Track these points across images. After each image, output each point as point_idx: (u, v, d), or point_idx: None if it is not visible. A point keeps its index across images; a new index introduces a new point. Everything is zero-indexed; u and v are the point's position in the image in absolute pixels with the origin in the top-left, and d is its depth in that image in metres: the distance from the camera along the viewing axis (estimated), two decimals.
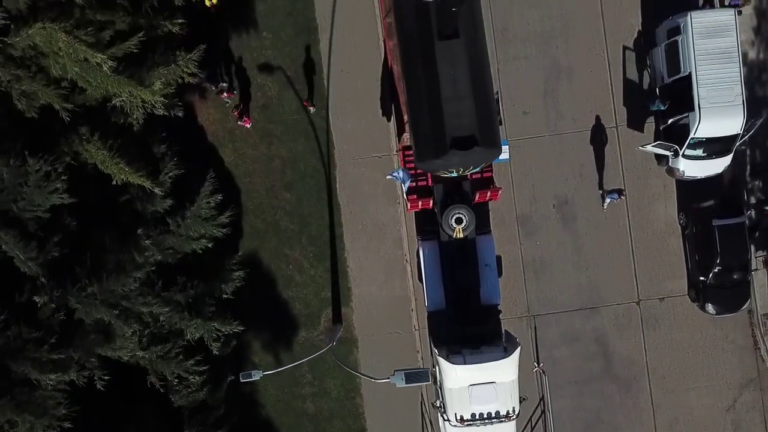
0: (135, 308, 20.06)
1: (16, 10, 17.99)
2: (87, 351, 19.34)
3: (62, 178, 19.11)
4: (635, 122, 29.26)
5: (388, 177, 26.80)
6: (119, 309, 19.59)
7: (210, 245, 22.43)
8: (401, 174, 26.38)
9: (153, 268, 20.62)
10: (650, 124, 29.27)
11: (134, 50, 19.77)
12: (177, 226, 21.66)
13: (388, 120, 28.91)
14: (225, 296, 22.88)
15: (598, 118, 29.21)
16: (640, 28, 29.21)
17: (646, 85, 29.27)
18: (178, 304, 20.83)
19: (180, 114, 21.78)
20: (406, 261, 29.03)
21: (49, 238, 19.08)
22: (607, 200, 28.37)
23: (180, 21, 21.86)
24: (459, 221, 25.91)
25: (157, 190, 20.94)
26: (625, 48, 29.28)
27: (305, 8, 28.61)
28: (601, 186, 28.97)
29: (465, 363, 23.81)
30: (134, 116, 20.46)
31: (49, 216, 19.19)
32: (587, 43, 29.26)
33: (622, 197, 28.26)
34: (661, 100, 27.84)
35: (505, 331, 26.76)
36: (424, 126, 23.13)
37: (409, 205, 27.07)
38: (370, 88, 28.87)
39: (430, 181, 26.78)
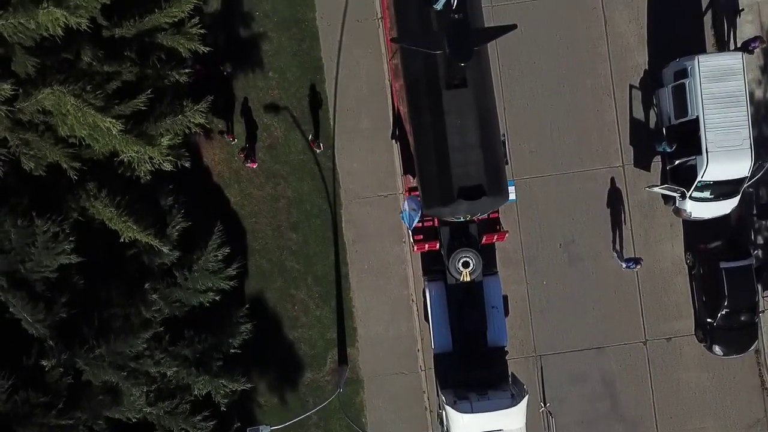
0: (143, 368, 19.96)
1: (25, 74, 17.98)
2: (94, 413, 19.26)
3: (70, 239, 19.04)
4: (642, 161, 29.19)
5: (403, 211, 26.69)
6: (127, 370, 19.51)
7: (217, 298, 22.37)
8: (408, 208, 26.21)
9: (161, 328, 20.52)
10: (657, 163, 29.21)
11: (142, 107, 19.72)
12: (184, 279, 21.60)
13: (394, 159, 28.85)
14: (233, 350, 22.80)
15: (605, 157, 29.16)
16: (647, 67, 29.18)
17: (652, 125, 29.23)
18: (185, 359, 20.76)
19: (187, 164, 21.73)
20: (412, 301, 28.95)
21: (57, 299, 19.03)
22: (623, 266, 28.25)
23: (187, 71, 21.83)
24: (466, 265, 25.88)
25: (165, 249, 20.88)
26: (631, 87, 29.25)
27: (311, 48, 28.61)
28: (614, 245, 28.85)
29: (472, 411, 23.82)
30: (141, 171, 20.40)
31: (56, 275, 19.12)
32: (594, 82, 29.22)
33: (639, 266, 28.11)
34: (668, 142, 27.76)
35: (512, 374, 26.71)
36: (431, 174, 23.09)
37: (415, 246, 27.02)
38: (375, 127, 28.84)
39: (436, 222, 26.77)
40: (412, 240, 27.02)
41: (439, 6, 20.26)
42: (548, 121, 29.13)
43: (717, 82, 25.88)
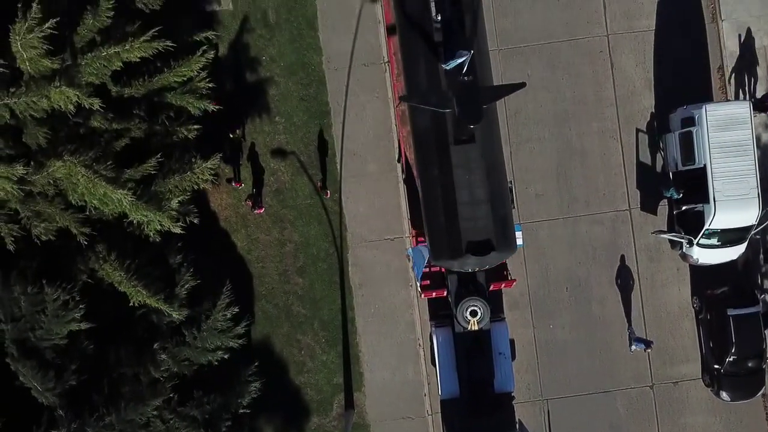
0: None
1: (36, 145, 18.00)
2: None
3: (80, 306, 19.03)
4: (648, 205, 29.19)
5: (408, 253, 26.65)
6: None
7: (226, 356, 22.34)
8: (414, 254, 26.20)
9: (172, 394, 20.48)
10: (663, 206, 29.21)
11: (152, 171, 19.73)
12: (193, 338, 21.58)
13: (401, 202, 28.85)
14: (242, 410, 22.77)
15: (611, 200, 29.17)
16: (654, 111, 29.20)
17: (659, 168, 29.24)
18: (194, 420, 20.72)
19: (196, 221, 21.72)
20: (419, 345, 28.91)
21: (67, 366, 19.00)
22: (634, 346, 28.22)
23: (196, 126, 21.85)
24: (474, 314, 25.78)
25: (175, 315, 20.87)
26: (638, 131, 29.28)
27: (318, 92, 28.64)
28: (628, 319, 28.86)
29: None
30: (151, 232, 20.39)
31: (66, 341, 19.10)
32: (600, 125, 29.25)
33: (650, 349, 28.10)
34: (676, 188, 27.74)
35: (519, 421, 26.69)
36: (439, 227, 23.10)
37: (422, 293, 27.00)
38: (382, 170, 28.86)
39: (443, 269, 26.73)
40: (419, 286, 26.99)
41: (449, 67, 20.27)
42: (555, 164, 29.15)
43: (724, 131, 25.91)
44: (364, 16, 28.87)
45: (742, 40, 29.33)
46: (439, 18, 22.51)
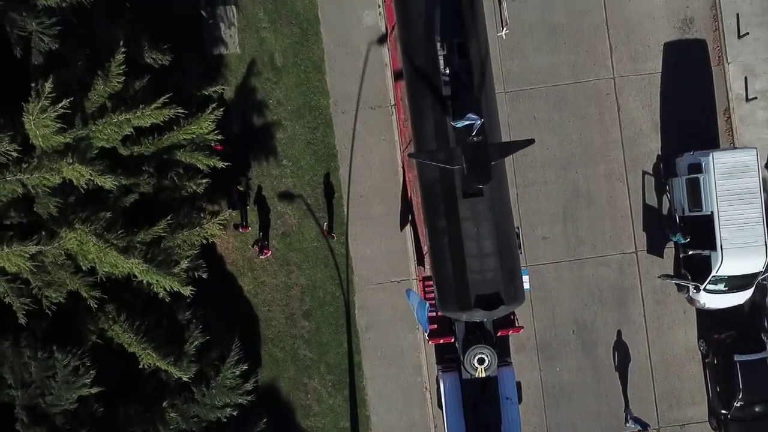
0: None
1: (47, 214, 18.02)
2: None
3: (91, 372, 19.02)
4: (655, 248, 29.20)
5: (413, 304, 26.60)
6: None
7: (235, 413, 22.32)
8: (419, 307, 26.17)
9: None
10: (670, 249, 29.23)
11: (162, 234, 19.75)
12: (202, 395, 21.55)
13: (407, 245, 28.86)
14: None
15: (617, 243, 29.19)
16: (660, 154, 29.25)
17: (665, 211, 29.26)
18: None
19: (204, 276, 21.74)
20: (426, 388, 28.89)
21: (77, 430, 18.95)
22: (630, 424, 28.22)
23: (204, 181, 21.88)
24: (481, 362, 25.67)
25: (185, 378, 20.86)
26: (644, 173, 29.31)
27: (325, 136, 28.68)
28: (625, 396, 28.84)
29: None
30: (160, 292, 20.40)
31: (75, 406, 19.08)
32: (607, 167, 29.29)
33: None
34: (683, 233, 27.77)
35: None
36: (447, 280, 23.09)
37: (429, 340, 26.96)
38: (389, 213, 28.87)
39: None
40: (426, 334, 26.95)
41: (458, 125, 20.30)
42: (561, 207, 29.18)
43: (732, 178, 25.94)
44: (371, 59, 28.94)
45: (748, 82, 29.38)
46: (448, 71, 22.55)
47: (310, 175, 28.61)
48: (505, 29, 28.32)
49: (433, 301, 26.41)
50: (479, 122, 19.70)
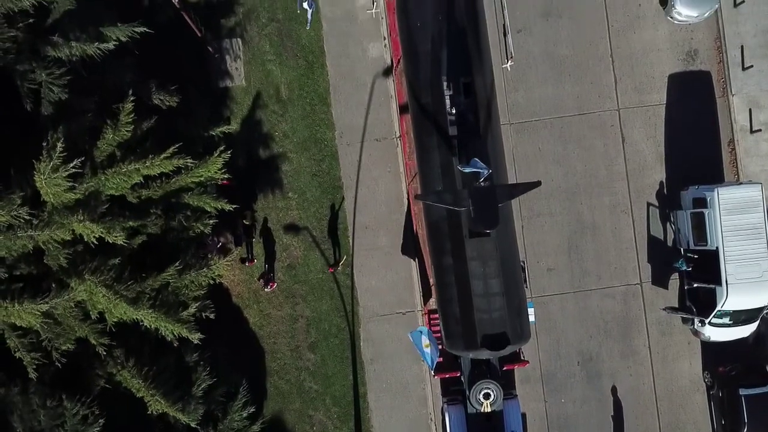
0: None
1: (57, 265, 18.08)
2: None
3: (99, 421, 19.04)
4: (660, 279, 29.24)
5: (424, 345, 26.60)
6: None
7: None
8: (425, 346, 26.15)
9: None
10: (674, 280, 29.27)
11: (170, 280, 19.80)
12: None
13: (412, 276, 28.89)
14: None
15: (622, 274, 29.24)
16: (665, 185, 29.29)
17: (670, 242, 29.30)
18: None
19: (212, 316, 21.78)
20: (431, 420, 28.91)
21: None
22: None
23: (211, 221, 21.92)
24: (487, 397, 25.85)
25: (192, 424, 20.89)
26: (649, 205, 29.36)
27: (331, 168, 28.74)
28: None
29: None
30: (168, 336, 20.44)
31: None
32: (611, 199, 29.34)
33: None
34: (686, 261, 27.85)
35: None
36: (453, 318, 23.12)
37: (435, 375, 27.00)
38: (394, 244, 28.92)
39: None
40: (431, 371, 26.95)
41: (465, 171, 20.34)
42: (566, 238, 29.23)
43: (737, 214, 25.97)
44: (376, 92, 29.02)
45: (752, 114, 29.44)
46: (454, 111, 22.60)
47: (315, 207, 28.67)
48: (510, 61, 28.48)
49: (438, 334, 26.54)
50: (487, 172, 19.74)
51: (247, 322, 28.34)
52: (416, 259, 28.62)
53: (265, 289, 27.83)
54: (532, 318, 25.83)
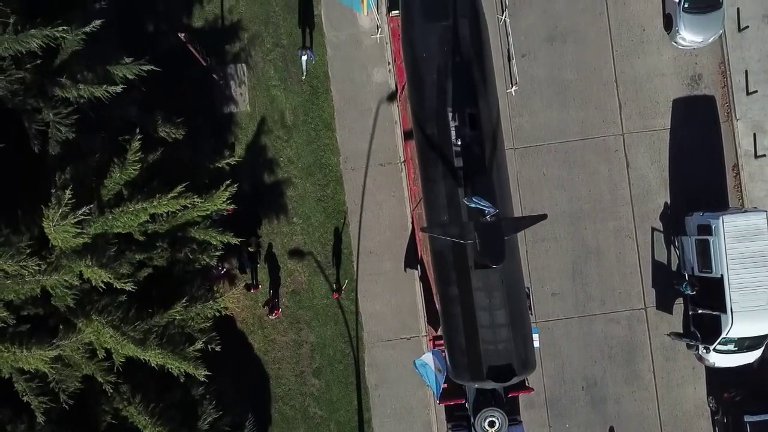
0: None
1: (65, 307, 18.08)
2: None
3: None
4: (664, 304, 29.24)
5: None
6: None
7: None
8: (437, 370, 26.14)
9: None
10: (679, 305, 29.26)
11: (177, 316, 19.82)
12: None
13: (417, 301, 28.90)
14: None
15: (627, 299, 29.24)
16: (669, 210, 29.29)
17: (674, 267, 29.29)
18: None
19: (218, 348, 21.79)
20: None
21: None
22: None
23: (217, 254, 21.94)
24: (492, 425, 25.60)
25: None
26: (653, 230, 29.36)
27: (335, 193, 28.77)
28: None
29: None
30: (175, 372, 20.44)
31: None
32: (616, 224, 29.35)
33: None
34: (690, 285, 27.85)
35: None
36: (459, 349, 23.07)
37: (440, 401, 26.95)
38: (398, 269, 28.94)
39: None
40: (437, 399, 26.91)
41: (471, 205, 20.33)
42: (570, 263, 29.24)
43: (742, 241, 25.96)
44: (380, 117, 29.05)
45: (757, 139, 29.45)
46: (459, 142, 22.59)
47: (320, 232, 28.68)
48: (514, 86, 28.51)
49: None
50: (493, 211, 19.73)
51: (252, 347, 28.35)
52: (421, 285, 28.63)
53: (270, 317, 27.84)
54: (536, 344, 25.74)
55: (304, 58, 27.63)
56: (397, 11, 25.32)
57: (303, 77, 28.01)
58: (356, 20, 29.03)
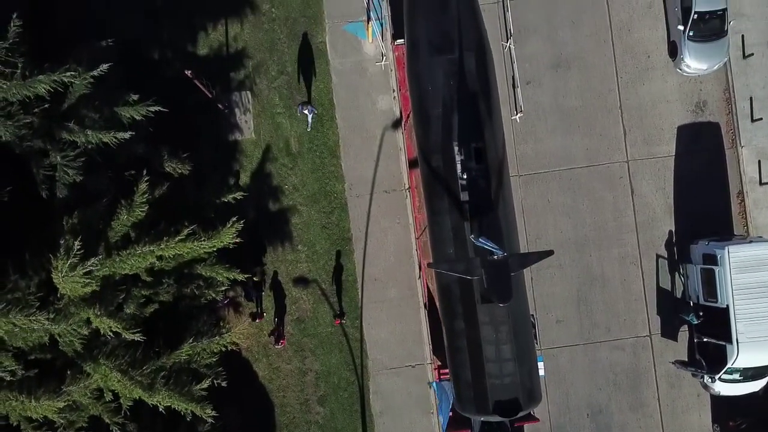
0: None
1: (73, 351, 18.07)
2: None
3: None
4: (669, 332, 29.22)
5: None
6: None
7: None
8: (438, 390, 26.20)
9: None
10: (684, 332, 29.23)
11: (184, 358, 19.80)
12: None
13: (422, 329, 28.85)
14: None
15: (631, 326, 29.21)
16: (674, 237, 29.28)
17: (679, 294, 29.27)
18: None
19: (224, 384, 21.75)
20: None
21: None
22: None
23: (223, 288, 21.91)
24: None
25: None
26: (658, 257, 29.34)
27: (340, 220, 28.75)
28: None
29: None
30: (182, 411, 20.44)
31: None
32: (620, 251, 29.33)
33: None
34: (696, 314, 27.83)
35: None
36: (465, 382, 23.05)
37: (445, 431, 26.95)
38: (403, 296, 28.91)
39: None
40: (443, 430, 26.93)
41: (478, 244, 20.31)
42: (575, 290, 29.22)
43: (747, 272, 25.95)
44: (385, 143, 29.05)
45: (761, 166, 29.44)
46: (465, 177, 22.56)
47: (325, 259, 28.66)
48: (519, 114, 28.51)
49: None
50: (501, 254, 19.71)
51: (257, 375, 28.30)
52: (426, 313, 28.58)
53: (276, 346, 27.80)
54: (541, 372, 25.75)
55: (307, 113, 27.64)
56: (401, 40, 25.34)
57: (308, 129, 28.02)
58: (361, 47, 29.05)
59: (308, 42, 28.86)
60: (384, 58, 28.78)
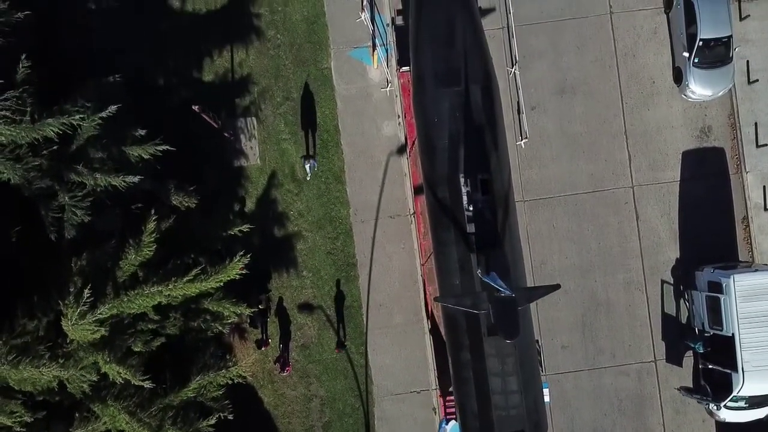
0: None
1: (80, 392, 18.09)
2: None
3: None
4: (674, 357, 29.20)
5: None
6: None
7: None
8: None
9: None
10: (689, 358, 29.22)
11: (191, 395, 19.81)
12: None
13: (427, 355, 28.85)
14: None
15: (636, 352, 29.19)
16: (680, 263, 29.26)
17: (684, 320, 29.26)
18: None
19: (230, 417, 21.75)
20: None
21: None
22: None
23: (230, 321, 21.91)
24: None
25: None
26: (663, 282, 29.33)
27: (345, 245, 28.75)
28: None
29: None
30: None
31: None
32: (625, 276, 29.33)
33: None
34: (702, 342, 27.79)
35: None
36: (471, 414, 23.04)
37: None
38: (408, 322, 28.90)
39: None
40: None
41: (484, 280, 20.32)
42: (580, 316, 29.21)
43: (753, 301, 25.93)
44: (390, 169, 29.07)
45: (767, 192, 29.44)
46: (471, 208, 22.58)
47: (329, 285, 28.67)
48: (524, 139, 28.52)
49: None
50: (507, 293, 19.72)
51: (262, 402, 28.30)
52: (431, 339, 28.59)
53: (282, 373, 27.78)
54: (546, 398, 25.73)
55: (308, 166, 27.89)
56: (407, 66, 25.36)
57: (307, 178, 28.13)
58: (366, 73, 29.09)
59: (313, 68, 28.88)
60: (389, 84, 28.80)
